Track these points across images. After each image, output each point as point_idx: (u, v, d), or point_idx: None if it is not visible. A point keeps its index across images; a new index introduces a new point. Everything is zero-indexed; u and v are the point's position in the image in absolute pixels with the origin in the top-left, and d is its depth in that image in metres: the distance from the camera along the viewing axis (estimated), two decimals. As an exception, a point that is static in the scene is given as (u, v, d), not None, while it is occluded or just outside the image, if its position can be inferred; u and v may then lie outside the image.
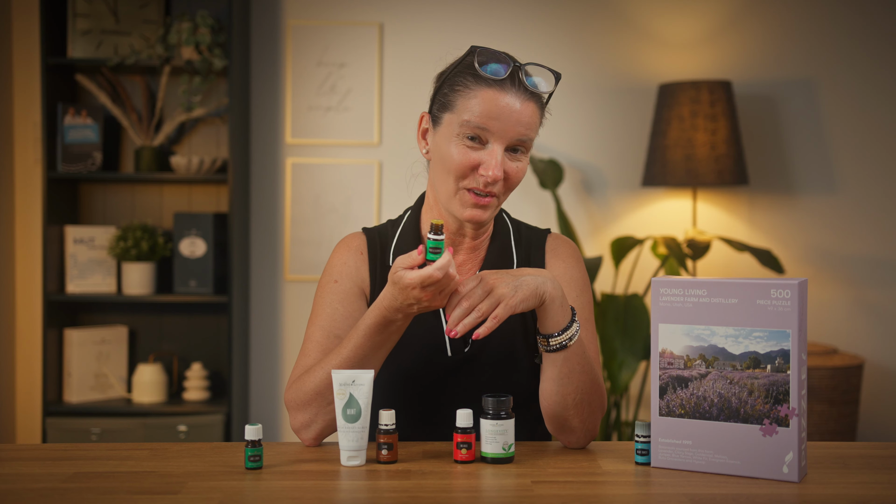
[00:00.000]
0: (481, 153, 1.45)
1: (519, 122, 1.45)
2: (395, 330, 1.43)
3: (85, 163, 3.34)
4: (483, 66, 1.45)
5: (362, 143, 3.51)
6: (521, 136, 1.46)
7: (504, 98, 1.44)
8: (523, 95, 1.46)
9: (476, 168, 1.46)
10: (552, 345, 1.41)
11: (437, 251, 1.34)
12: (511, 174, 1.48)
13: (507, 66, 1.45)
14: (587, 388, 1.44)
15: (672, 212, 3.53)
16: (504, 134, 1.45)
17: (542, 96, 1.49)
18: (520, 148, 1.48)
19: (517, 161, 1.48)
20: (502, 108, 1.44)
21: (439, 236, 1.35)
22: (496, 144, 1.45)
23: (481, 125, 1.44)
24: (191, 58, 3.28)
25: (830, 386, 3.13)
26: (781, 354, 1.29)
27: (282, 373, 3.54)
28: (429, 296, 1.35)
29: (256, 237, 3.53)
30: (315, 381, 1.45)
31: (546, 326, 1.41)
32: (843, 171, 3.53)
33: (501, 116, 1.44)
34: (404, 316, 1.41)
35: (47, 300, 3.28)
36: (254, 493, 1.24)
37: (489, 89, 1.45)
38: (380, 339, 1.42)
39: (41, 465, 1.37)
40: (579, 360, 1.43)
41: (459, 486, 1.27)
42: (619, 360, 3.07)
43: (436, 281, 1.33)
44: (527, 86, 1.46)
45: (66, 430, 3.21)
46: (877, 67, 3.52)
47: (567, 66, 3.53)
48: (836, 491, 1.25)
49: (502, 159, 1.45)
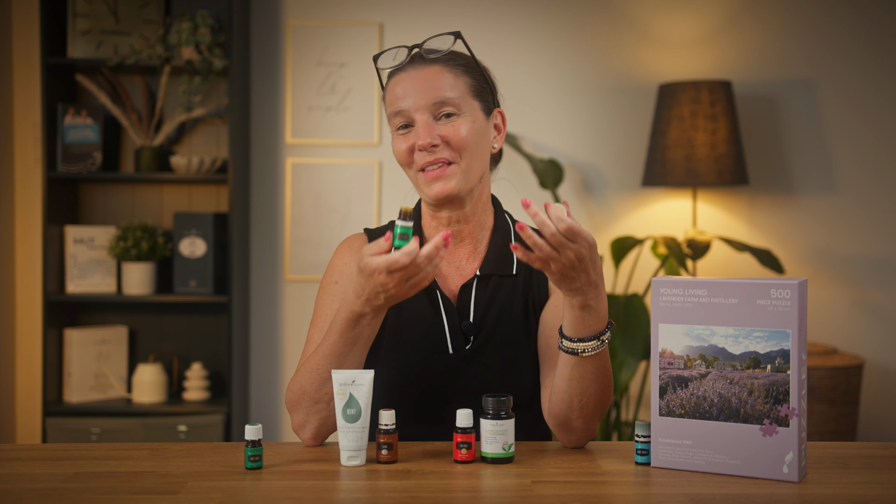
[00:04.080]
0: (411, 135, 1.52)
1: (426, 88, 1.50)
2: (366, 325, 1.41)
3: (85, 163, 3.34)
4: (383, 64, 1.53)
5: (362, 143, 3.51)
6: (435, 98, 1.50)
7: (405, 76, 1.52)
8: (423, 64, 1.52)
9: (413, 149, 1.51)
10: (564, 346, 1.39)
11: (405, 237, 1.33)
12: (450, 136, 1.50)
13: (403, 52, 1.52)
14: (595, 395, 1.42)
15: (672, 212, 3.53)
16: (417, 104, 1.50)
17: (448, 57, 1.53)
18: (446, 110, 1.50)
19: (452, 123, 1.50)
20: (406, 85, 1.51)
21: (407, 222, 1.34)
22: (417, 115, 1.50)
23: (397, 109, 1.51)
24: (191, 58, 3.28)
25: (830, 386, 3.13)
26: (781, 354, 1.29)
27: (282, 373, 3.54)
28: (394, 282, 1.33)
29: (256, 237, 3.53)
30: (300, 382, 1.46)
31: (566, 326, 1.38)
32: (843, 171, 3.53)
33: (408, 91, 1.51)
34: (373, 310, 1.38)
35: (47, 300, 3.28)
36: (254, 493, 1.24)
37: (392, 79, 1.54)
38: (352, 336, 1.41)
39: (41, 465, 1.37)
40: (592, 369, 1.40)
41: (459, 486, 1.27)
42: (619, 360, 3.07)
43: (402, 266, 1.32)
44: (423, 55, 1.52)
45: (66, 430, 3.21)
46: (877, 67, 3.52)
47: (567, 66, 3.53)
48: (836, 491, 1.25)
49: (429, 125, 1.49)
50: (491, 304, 1.57)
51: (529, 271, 1.59)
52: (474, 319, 1.56)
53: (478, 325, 1.56)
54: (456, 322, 1.56)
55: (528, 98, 3.52)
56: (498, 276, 1.58)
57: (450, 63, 1.52)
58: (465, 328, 1.56)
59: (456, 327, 1.55)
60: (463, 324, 1.56)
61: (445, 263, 1.60)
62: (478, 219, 1.59)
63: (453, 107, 1.50)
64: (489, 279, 1.58)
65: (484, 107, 1.55)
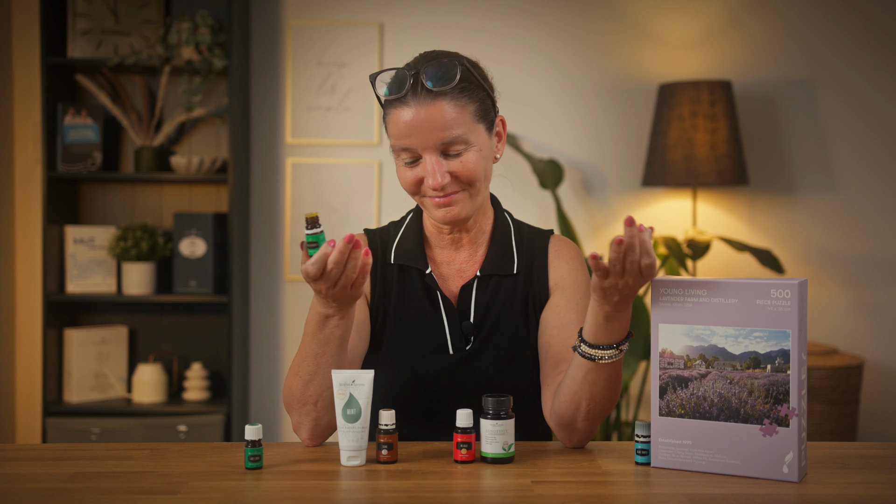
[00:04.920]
0: (418, 168, 1.48)
1: (432, 128, 1.45)
2: (335, 326, 1.40)
3: (85, 163, 3.34)
4: (381, 91, 1.47)
5: (362, 143, 3.51)
6: (442, 140, 1.45)
7: (408, 112, 1.45)
8: (427, 99, 1.45)
9: (422, 181, 1.48)
10: (582, 350, 1.38)
11: (314, 245, 1.33)
12: (459, 171, 1.47)
13: (403, 80, 1.45)
14: (605, 401, 1.42)
15: (672, 212, 3.53)
16: (425, 144, 1.46)
17: (450, 91, 1.46)
18: (454, 150, 1.47)
19: (460, 159, 1.47)
20: (411, 124, 1.45)
21: (314, 229, 1.33)
22: (426, 155, 1.47)
23: (402, 146, 1.47)
24: (191, 58, 3.28)
25: (830, 386, 3.13)
26: (781, 354, 1.29)
27: (282, 373, 3.54)
28: (324, 288, 1.33)
29: (256, 237, 3.53)
30: (287, 384, 1.47)
31: (587, 331, 1.37)
32: (843, 171, 3.53)
33: (413, 131, 1.45)
34: (335, 311, 1.38)
35: (47, 300, 3.28)
36: (254, 493, 1.24)
37: (395, 110, 1.47)
38: (323, 337, 1.40)
39: (41, 465, 1.37)
40: (605, 376, 1.39)
41: (459, 486, 1.27)
42: (619, 360, 3.07)
43: (314, 276, 1.32)
44: (428, 88, 1.45)
45: (66, 430, 3.21)
46: (877, 67, 3.52)
47: (567, 66, 3.53)
48: (836, 491, 1.25)
49: (439, 165, 1.46)
50: (491, 304, 1.57)
51: (530, 271, 1.59)
52: (474, 320, 1.56)
53: (478, 326, 1.56)
54: (456, 323, 1.56)
55: (528, 98, 3.52)
56: (498, 277, 1.58)
57: (452, 93, 1.46)
58: (465, 329, 1.56)
59: (456, 328, 1.55)
60: (463, 324, 1.56)
61: (445, 264, 1.60)
62: (478, 225, 1.59)
63: (461, 144, 1.47)
64: (489, 280, 1.58)
65: (487, 125, 1.52)
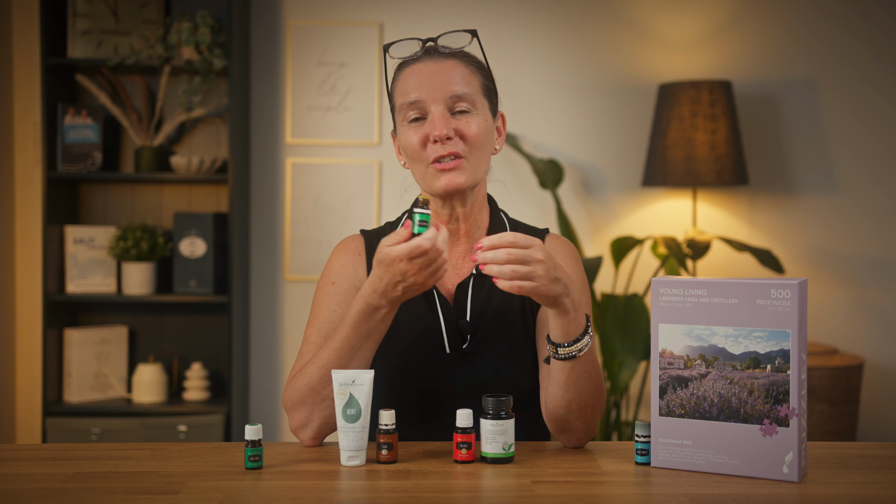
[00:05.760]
0: (425, 126, 1.50)
1: (444, 80, 1.50)
2: (381, 319, 1.41)
3: (85, 163, 3.34)
4: (395, 54, 1.52)
5: (362, 143, 3.51)
6: (452, 92, 1.50)
7: (420, 68, 1.52)
8: (440, 57, 1.52)
9: (427, 141, 1.50)
10: (561, 354, 1.39)
11: (425, 224, 1.33)
12: (464, 130, 1.50)
13: (418, 46, 1.52)
14: (592, 393, 1.42)
15: (672, 212, 3.53)
16: (434, 95, 1.50)
17: (463, 54, 1.53)
18: (461, 106, 1.50)
19: (466, 119, 1.50)
20: (423, 75, 1.51)
21: (426, 210, 1.34)
22: (433, 107, 1.50)
23: (412, 99, 1.50)
24: (191, 58, 3.28)
25: (830, 386, 3.13)
26: (781, 354, 1.29)
27: (282, 373, 3.54)
28: (415, 269, 1.34)
29: (256, 237, 3.53)
30: (307, 378, 1.45)
31: (557, 335, 1.38)
32: (843, 171, 3.53)
33: (424, 83, 1.50)
34: (388, 303, 1.39)
35: (47, 300, 3.28)
36: (254, 493, 1.24)
37: (408, 68, 1.53)
38: (365, 330, 1.41)
39: (41, 465, 1.37)
40: (586, 367, 1.41)
41: (459, 486, 1.27)
42: (619, 360, 3.07)
43: (423, 252, 1.32)
44: (440, 50, 1.52)
45: (66, 430, 3.21)
46: (877, 67, 3.52)
47: (567, 66, 3.53)
48: (836, 491, 1.25)
49: (445, 117, 1.49)
50: (488, 302, 1.57)
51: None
52: (471, 318, 1.56)
53: (474, 324, 1.56)
54: (453, 321, 1.55)
55: (528, 98, 3.52)
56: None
57: (465, 60, 1.54)
58: (461, 327, 1.55)
59: (453, 326, 1.55)
60: (459, 322, 1.56)
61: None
62: (474, 218, 1.59)
63: (468, 103, 1.51)
64: (486, 278, 1.57)
65: (491, 107, 1.57)
